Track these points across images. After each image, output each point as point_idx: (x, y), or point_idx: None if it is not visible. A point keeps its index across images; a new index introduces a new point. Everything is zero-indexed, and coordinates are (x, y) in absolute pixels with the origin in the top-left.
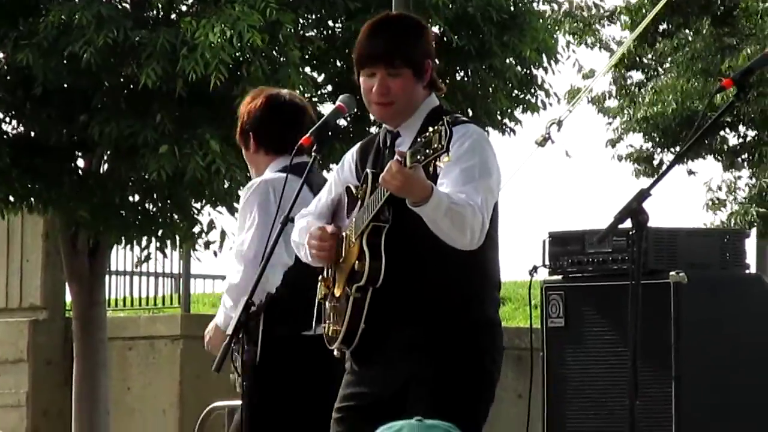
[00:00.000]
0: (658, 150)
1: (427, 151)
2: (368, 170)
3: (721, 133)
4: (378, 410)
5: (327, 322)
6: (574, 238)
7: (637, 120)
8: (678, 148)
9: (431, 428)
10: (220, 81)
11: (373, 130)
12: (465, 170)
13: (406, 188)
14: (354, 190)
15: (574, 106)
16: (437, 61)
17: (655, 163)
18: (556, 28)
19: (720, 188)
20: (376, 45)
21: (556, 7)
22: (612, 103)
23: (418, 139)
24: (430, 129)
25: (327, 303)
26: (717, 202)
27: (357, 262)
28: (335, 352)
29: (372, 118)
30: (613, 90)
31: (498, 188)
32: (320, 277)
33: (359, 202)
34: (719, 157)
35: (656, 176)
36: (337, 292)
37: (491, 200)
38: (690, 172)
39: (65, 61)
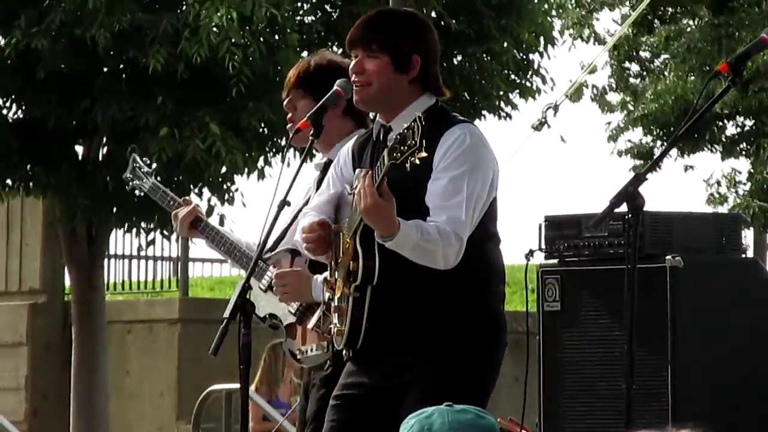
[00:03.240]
0: (658, 144)
1: (402, 148)
2: (359, 170)
3: (719, 123)
4: (377, 400)
5: (333, 322)
6: (570, 222)
7: (636, 118)
8: (679, 142)
9: (462, 412)
10: (231, 61)
11: None
12: (454, 179)
13: (375, 213)
14: (349, 189)
15: (570, 91)
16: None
17: (655, 155)
18: (560, 11)
19: (719, 183)
20: (358, 30)
21: None
22: (613, 97)
23: (395, 137)
24: (404, 126)
25: (331, 304)
26: (718, 196)
27: (352, 262)
28: (343, 353)
29: None
30: (612, 83)
31: (494, 186)
32: (323, 279)
33: (353, 201)
34: (715, 148)
35: (652, 162)
36: (339, 293)
37: (479, 207)
38: (687, 168)
39: (68, 46)
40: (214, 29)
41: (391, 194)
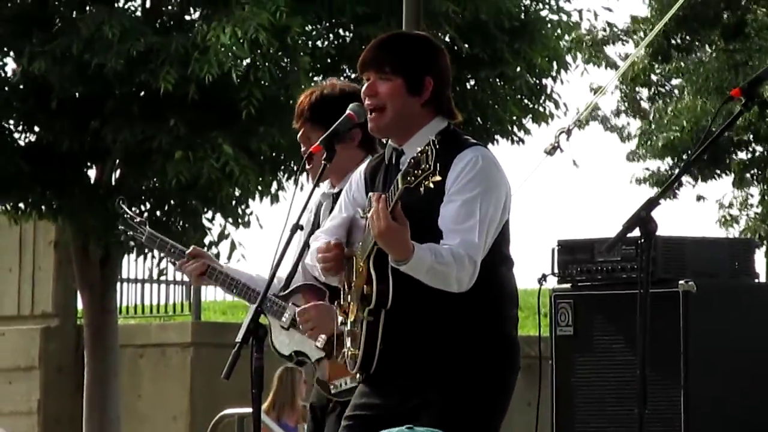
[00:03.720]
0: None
1: (416, 172)
2: (371, 194)
3: (733, 149)
4: (389, 422)
5: (346, 347)
6: (583, 247)
7: (657, 148)
8: (696, 168)
9: None
10: (238, 77)
11: None
12: (467, 202)
13: (389, 237)
14: (361, 213)
15: (583, 116)
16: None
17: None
18: (565, 35)
19: (732, 205)
20: (371, 52)
21: (565, 17)
22: (623, 121)
23: (409, 160)
24: (418, 149)
25: (345, 328)
26: (729, 218)
27: (366, 286)
28: (357, 377)
29: None
30: (622, 107)
31: (507, 209)
32: (336, 303)
33: (366, 225)
34: (726, 173)
35: (665, 187)
36: (352, 317)
37: (492, 230)
38: (700, 198)
39: (79, 71)
40: (222, 48)
41: (405, 218)
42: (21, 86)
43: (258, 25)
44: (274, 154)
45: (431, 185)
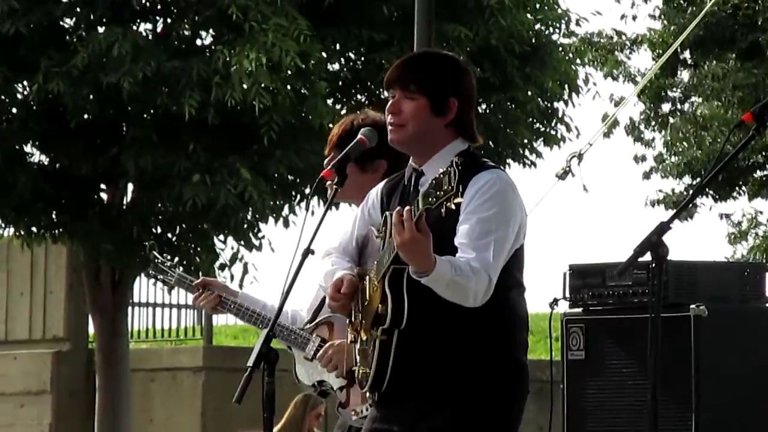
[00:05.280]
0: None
1: (438, 193)
2: (387, 213)
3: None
4: None
5: (356, 365)
6: (594, 271)
7: (674, 165)
8: (712, 190)
9: None
10: (263, 105)
11: None
12: (483, 221)
13: (413, 248)
14: (376, 232)
15: (603, 131)
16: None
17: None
18: (578, 59)
19: (741, 223)
20: (398, 70)
21: (575, 40)
22: (647, 135)
23: (431, 181)
24: (440, 170)
25: (356, 347)
26: (738, 235)
27: (380, 305)
28: (367, 396)
29: None
30: (643, 117)
31: (522, 234)
32: (347, 321)
33: (381, 244)
34: (743, 191)
35: (677, 210)
36: (364, 336)
37: (506, 250)
38: (722, 216)
39: (94, 92)
40: (246, 74)
41: (428, 230)
42: (34, 107)
43: (285, 50)
44: (290, 178)
45: (453, 207)
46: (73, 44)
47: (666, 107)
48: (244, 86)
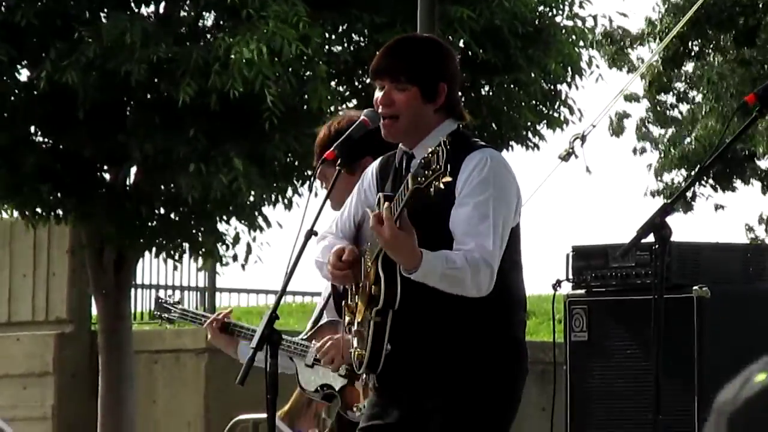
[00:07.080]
0: (696, 184)
1: (426, 172)
2: (380, 194)
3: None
4: (402, 430)
5: (353, 347)
6: (597, 253)
7: (676, 158)
8: (712, 179)
9: None
10: (273, 96)
11: None
12: (478, 205)
13: (395, 246)
14: (370, 212)
15: (598, 121)
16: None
17: (689, 195)
18: (581, 41)
19: (753, 229)
20: (385, 59)
21: (580, 23)
22: (655, 131)
23: (419, 161)
24: (429, 150)
25: (352, 328)
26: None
27: (374, 286)
28: (362, 378)
29: None
30: (650, 116)
31: (518, 212)
32: (343, 303)
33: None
34: (754, 183)
35: (679, 193)
36: (359, 317)
37: (506, 232)
38: (718, 207)
39: (103, 79)
40: (245, 63)
41: (412, 226)
42: (41, 93)
43: (285, 39)
44: (289, 161)
45: (441, 186)
46: (79, 32)
47: (670, 99)
48: (245, 74)
